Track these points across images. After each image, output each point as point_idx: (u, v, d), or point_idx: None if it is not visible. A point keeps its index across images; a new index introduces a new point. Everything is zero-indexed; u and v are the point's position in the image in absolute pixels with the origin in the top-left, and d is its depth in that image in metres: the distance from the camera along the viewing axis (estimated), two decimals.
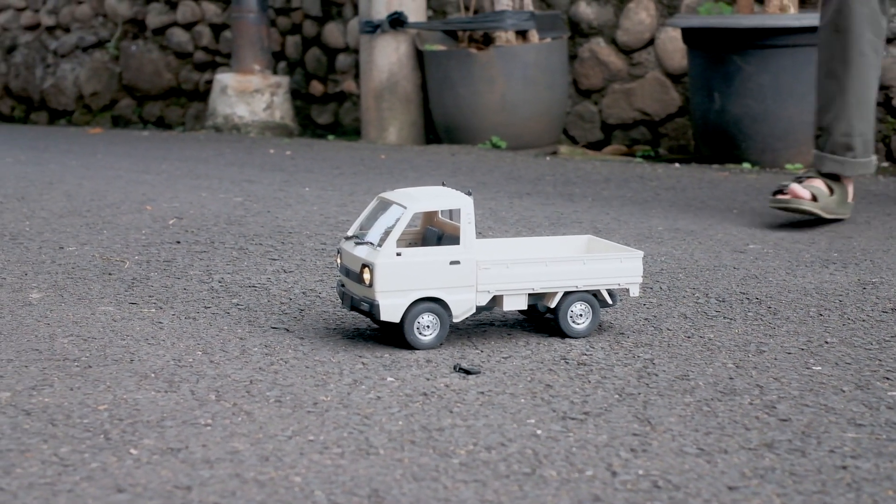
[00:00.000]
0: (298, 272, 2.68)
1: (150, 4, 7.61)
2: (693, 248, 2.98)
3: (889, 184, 4.25)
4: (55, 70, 8.07)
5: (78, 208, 3.62)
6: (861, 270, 2.69)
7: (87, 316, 2.29)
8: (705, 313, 2.30)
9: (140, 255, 2.87)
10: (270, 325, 2.23)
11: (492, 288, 2.08)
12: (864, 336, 2.13)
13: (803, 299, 2.40)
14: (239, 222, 3.35)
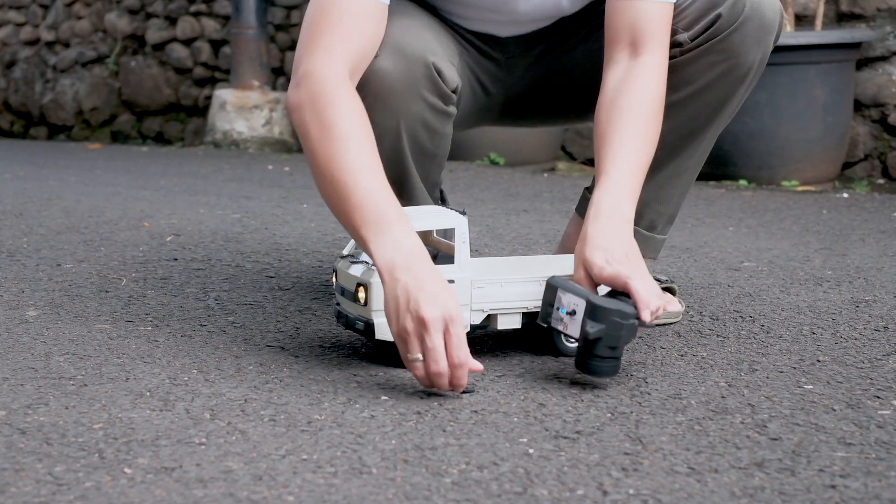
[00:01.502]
0: (294, 290, 2.69)
1: (150, 20, 7.63)
2: (688, 265, 2.99)
3: (884, 201, 4.27)
4: (54, 85, 8.09)
5: (76, 225, 3.64)
6: (854, 289, 2.70)
7: (83, 334, 2.30)
8: (699, 332, 2.31)
9: (137, 273, 2.89)
10: (266, 343, 2.24)
11: (486, 307, 2.09)
12: (856, 354, 2.14)
13: (796, 318, 2.42)
14: (236, 239, 3.36)
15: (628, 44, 2.20)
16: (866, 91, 5.20)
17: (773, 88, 4.73)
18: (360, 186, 1.96)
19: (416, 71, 2.14)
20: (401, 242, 1.92)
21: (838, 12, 5.26)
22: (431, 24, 2.26)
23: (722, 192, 4.51)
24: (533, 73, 2.44)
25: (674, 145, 2.36)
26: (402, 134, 2.18)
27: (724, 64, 2.26)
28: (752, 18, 2.24)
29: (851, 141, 5.17)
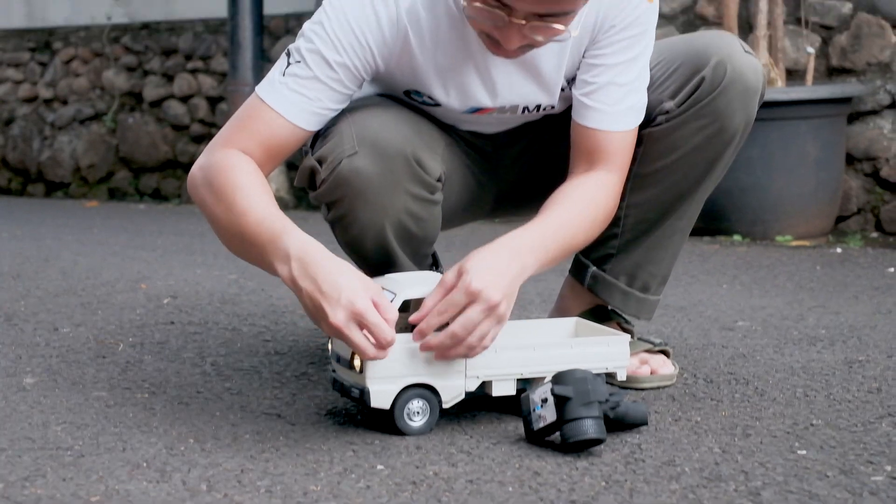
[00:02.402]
0: (291, 354, 2.70)
1: (147, 77, 7.68)
2: (682, 325, 3.00)
3: (878, 255, 4.29)
4: (52, 142, 8.12)
5: (73, 286, 3.65)
6: (848, 348, 2.72)
7: (80, 402, 2.31)
8: (693, 395, 2.32)
9: (134, 337, 2.90)
10: (262, 410, 2.25)
11: (481, 373, 2.10)
12: (850, 418, 2.15)
13: (790, 379, 2.43)
14: (233, 301, 3.38)
15: (586, 162, 2.26)
16: (858, 145, 5.23)
17: (765, 143, 4.76)
18: (251, 222, 2.04)
19: (396, 165, 2.16)
20: (290, 250, 1.98)
21: (829, 67, 5.30)
22: (412, 116, 2.27)
23: (716, 247, 4.53)
24: (522, 162, 2.47)
25: (663, 209, 2.39)
26: (386, 228, 2.21)
27: (710, 128, 2.29)
28: (735, 82, 2.27)
29: (844, 195, 5.20)
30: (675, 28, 5.64)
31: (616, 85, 2.22)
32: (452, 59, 2.20)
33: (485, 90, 2.25)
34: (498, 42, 2.05)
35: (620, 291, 2.47)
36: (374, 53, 2.16)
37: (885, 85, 5.20)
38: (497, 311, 2.00)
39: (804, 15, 5.28)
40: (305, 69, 2.13)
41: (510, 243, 2.09)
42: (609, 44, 2.21)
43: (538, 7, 1.97)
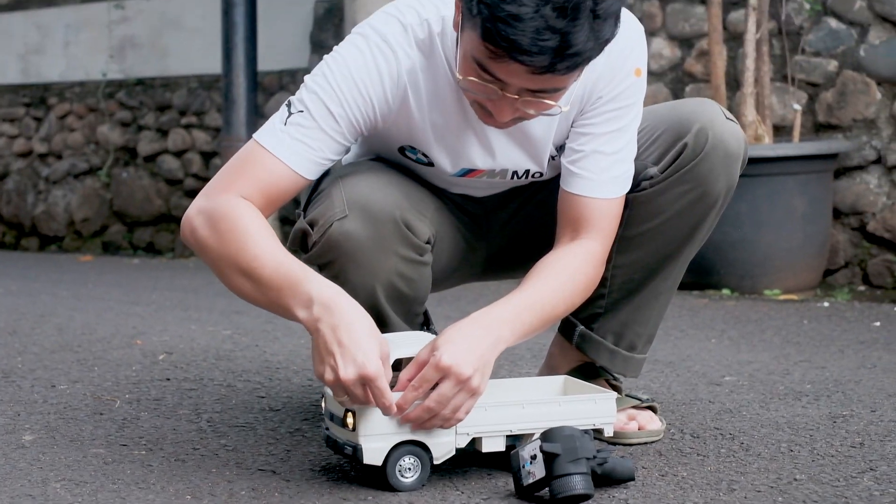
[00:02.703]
0: (285, 411, 2.75)
1: (142, 132, 7.75)
2: (670, 380, 3.05)
3: (864, 309, 4.35)
4: (47, 196, 8.18)
5: (69, 343, 3.70)
6: (832, 403, 2.77)
7: (78, 459, 2.35)
8: (680, 450, 2.37)
9: (130, 394, 2.94)
10: (257, 466, 2.29)
11: (471, 430, 2.15)
12: (832, 472, 2.20)
13: (775, 434, 2.48)
14: (227, 357, 3.42)
15: (571, 230, 2.32)
16: (845, 199, 5.30)
17: (753, 199, 4.82)
18: (266, 266, 2.08)
19: (385, 229, 2.23)
20: (313, 295, 2.03)
21: (816, 123, 5.38)
22: (401, 180, 2.33)
23: (706, 301, 4.58)
24: (512, 224, 2.52)
25: (649, 270, 2.45)
26: (376, 290, 2.25)
27: (693, 193, 2.35)
28: (717, 148, 2.33)
29: (832, 249, 5.26)
30: (663, 85, 5.72)
31: (602, 154, 2.28)
32: (448, 120, 2.26)
33: (478, 152, 2.31)
34: (490, 113, 2.11)
35: (608, 350, 2.52)
36: (374, 108, 2.21)
37: (871, 141, 5.27)
38: (468, 385, 2.05)
39: (791, 72, 5.36)
40: (309, 119, 2.18)
41: (484, 317, 2.14)
42: (597, 114, 2.28)
43: (531, 84, 2.02)
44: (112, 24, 7.83)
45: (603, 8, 1.97)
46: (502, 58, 1.98)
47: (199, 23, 7.49)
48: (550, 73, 1.99)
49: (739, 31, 5.25)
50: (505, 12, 1.93)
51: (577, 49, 1.97)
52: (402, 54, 2.20)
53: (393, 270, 2.25)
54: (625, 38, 2.18)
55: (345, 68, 2.19)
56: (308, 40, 6.97)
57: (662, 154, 2.36)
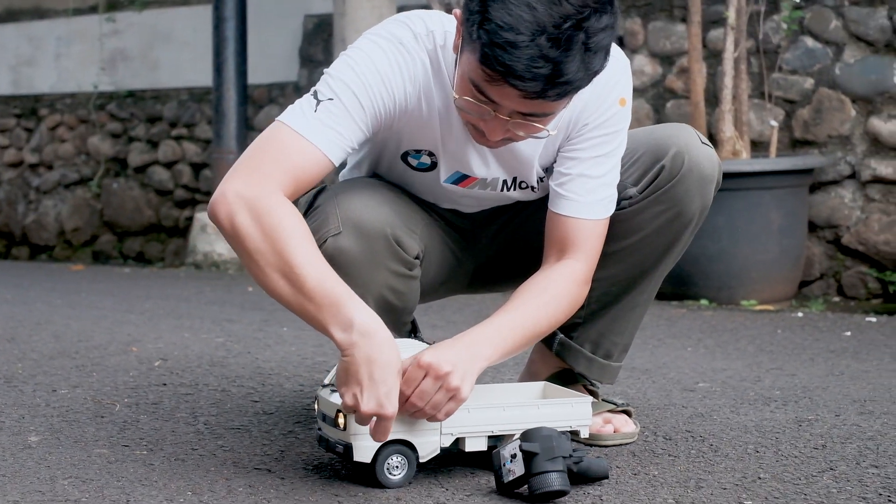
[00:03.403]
0: (278, 414, 2.88)
1: (132, 143, 7.88)
2: (646, 387, 3.19)
3: (836, 319, 4.49)
4: (37, 206, 8.30)
5: (67, 349, 3.82)
6: (799, 408, 2.91)
7: (83, 458, 2.48)
8: (652, 451, 2.51)
9: (129, 398, 3.07)
10: (253, 465, 2.42)
11: (455, 431, 2.28)
12: (795, 472, 2.34)
13: (743, 436, 2.62)
14: (221, 363, 3.55)
15: (557, 250, 2.45)
16: (821, 213, 5.45)
17: (730, 213, 4.97)
18: (310, 276, 2.16)
19: (377, 245, 2.36)
20: (354, 321, 2.13)
21: (792, 139, 5.53)
22: (393, 197, 2.46)
23: (684, 311, 4.72)
24: (499, 240, 2.66)
25: (626, 283, 2.59)
26: (368, 302, 2.35)
27: (670, 212, 2.50)
28: (693, 171, 2.47)
29: (807, 261, 5.42)
30: (645, 101, 5.87)
31: (588, 177, 2.42)
32: (452, 127, 2.39)
33: (475, 159, 2.44)
34: (482, 133, 2.25)
35: (585, 357, 2.66)
36: (395, 102, 2.32)
37: (846, 156, 5.42)
38: (447, 382, 2.18)
39: (768, 89, 5.52)
40: (339, 106, 2.26)
41: (468, 335, 2.28)
42: (583, 140, 2.41)
43: (522, 107, 2.16)
44: (103, 37, 7.96)
45: (594, 41, 2.11)
46: (497, 81, 2.12)
47: (189, 36, 7.62)
48: (541, 99, 2.12)
49: (719, 49, 5.40)
50: (503, 39, 2.07)
51: (567, 78, 2.10)
52: (417, 57, 2.33)
53: (384, 284, 2.39)
54: (611, 70, 2.31)
55: (370, 62, 2.30)
56: (297, 54, 7.11)
57: (641, 175, 2.50)
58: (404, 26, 2.35)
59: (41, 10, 8.38)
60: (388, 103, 2.31)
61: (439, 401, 2.19)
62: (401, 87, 2.32)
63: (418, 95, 2.35)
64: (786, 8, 5.35)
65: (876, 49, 5.40)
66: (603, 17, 2.11)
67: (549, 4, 2.07)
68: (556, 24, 2.07)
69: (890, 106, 5.35)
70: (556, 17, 2.07)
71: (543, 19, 2.07)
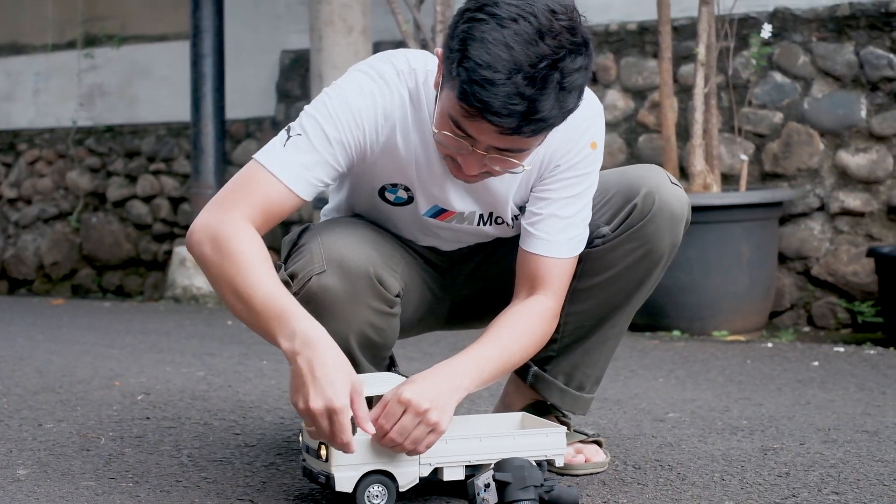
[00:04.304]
0: (259, 446, 2.95)
1: (111, 178, 7.94)
2: (618, 417, 3.28)
3: (805, 350, 4.59)
4: (16, 241, 8.35)
5: (50, 384, 3.89)
6: (765, 437, 3.00)
7: (71, 491, 2.55)
8: (622, 480, 2.59)
9: (114, 431, 3.14)
10: (236, 496, 2.50)
11: (433, 461, 2.37)
12: (759, 499, 2.42)
13: (710, 465, 2.71)
14: (203, 397, 3.62)
15: (528, 287, 2.55)
16: (790, 245, 5.56)
17: (702, 245, 5.06)
18: (258, 294, 2.26)
19: (359, 284, 2.45)
20: (296, 329, 2.22)
21: (762, 172, 5.64)
22: (375, 236, 2.55)
23: (656, 342, 4.81)
24: (475, 278, 2.75)
25: (598, 318, 2.68)
26: (350, 339, 2.47)
27: (640, 250, 2.59)
28: (663, 210, 2.57)
29: (778, 291, 5.52)
30: (618, 135, 5.98)
31: (558, 217, 2.51)
32: (430, 159, 2.48)
33: (453, 193, 2.53)
34: (460, 167, 2.34)
35: (558, 389, 2.75)
36: (365, 134, 2.42)
37: (815, 189, 5.54)
38: (426, 418, 2.27)
39: (738, 124, 5.63)
40: (306, 142, 2.37)
41: (446, 367, 2.38)
42: (554, 181, 2.51)
43: (498, 143, 2.26)
44: (81, 73, 8.03)
45: (569, 81, 2.21)
46: (475, 117, 2.21)
47: (167, 72, 7.70)
48: (517, 135, 2.22)
49: (690, 84, 5.51)
50: (480, 76, 2.17)
51: (542, 115, 2.20)
52: (396, 92, 2.43)
53: (365, 321, 2.48)
54: (584, 114, 2.42)
55: (342, 95, 2.41)
56: (275, 90, 7.20)
57: (613, 215, 2.60)
58: (388, 62, 2.45)
59: (19, 45, 8.45)
60: (357, 137, 2.40)
61: (419, 436, 2.27)
62: (372, 120, 2.41)
63: (393, 129, 2.44)
64: (754, 44, 5.46)
65: (843, 84, 5.52)
66: (578, 58, 2.21)
67: (526, 45, 2.17)
68: (532, 63, 2.17)
69: (857, 140, 5.47)
70: (533, 57, 2.17)
71: (520, 59, 2.16)
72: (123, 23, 7.93)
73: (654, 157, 5.72)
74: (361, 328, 2.49)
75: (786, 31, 5.62)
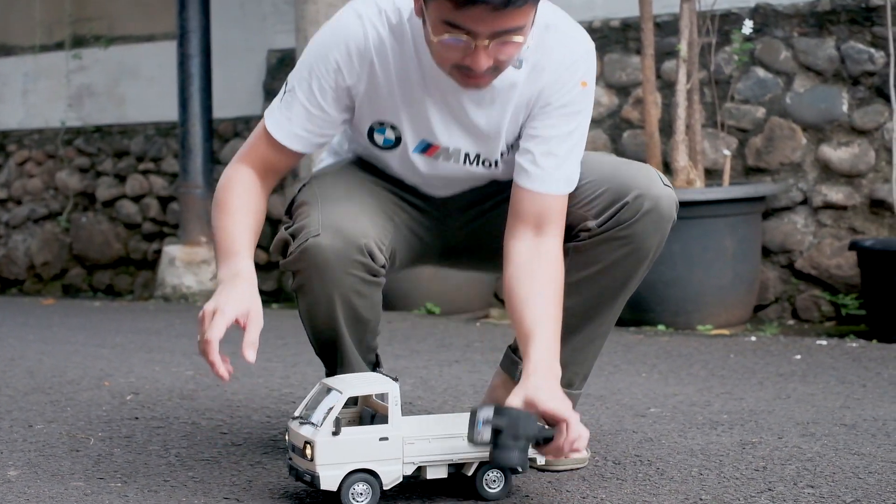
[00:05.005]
0: (246, 445, 3.00)
1: (100, 178, 7.98)
2: (600, 413, 3.33)
3: (788, 343, 4.64)
4: (7, 241, 8.38)
5: (41, 385, 3.93)
6: (744, 431, 3.05)
7: (61, 491, 2.60)
8: (601, 475, 2.64)
9: (103, 432, 3.18)
10: (223, 495, 2.55)
11: (416, 460, 2.42)
12: (735, 493, 2.47)
13: (689, 460, 2.76)
14: (191, 397, 3.67)
15: (533, 225, 2.62)
16: (774, 239, 5.61)
17: (685, 240, 5.11)
18: (224, 236, 2.59)
19: (350, 250, 2.56)
20: (231, 268, 2.53)
21: (745, 167, 5.69)
22: (370, 201, 2.67)
23: (641, 337, 4.86)
24: (466, 228, 2.85)
25: (585, 315, 2.73)
26: (335, 301, 2.60)
27: (627, 248, 2.65)
28: (652, 211, 2.63)
29: (762, 285, 5.57)
30: (602, 131, 6.03)
31: (553, 155, 2.60)
32: (413, 91, 2.60)
33: (437, 122, 2.63)
34: (469, 71, 2.44)
35: None
36: (344, 76, 2.59)
37: (798, 183, 5.59)
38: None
39: (721, 119, 5.68)
40: (292, 96, 2.62)
41: (544, 366, 2.48)
42: (546, 117, 2.60)
43: (495, 25, 2.35)
44: (70, 73, 8.06)
45: None
46: (465, 5, 2.32)
47: (155, 72, 7.74)
48: (510, 7, 2.32)
49: (673, 80, 5.56)
50: None
51: None
52: (371, 29, 2.57)
53: (350, 287, 2.59)
54: (575, 54, 2.56)
55: (320, 45, 2.61)
56: (262, 88, 7.24)
57: (602, 210, 2.66)
58: (373, 4, 2.59)
59: (7, 46, 8.47)
60: (337, 79, 2.59)
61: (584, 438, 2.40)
62: (345, 55, 2.58)
63: (370, 65, 2.58)
64: (736, 40, 5.51)
65: (825, 79, 5.57)
66: None
67: None
68: None
69: (839, 134, 5.52)
70: None
71: None
72: (111, 23, 7.96)
73: (638, 152, 5.77)
74: (346, 293, 2.59)
75: (767, 27, 5.67)
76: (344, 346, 2.66)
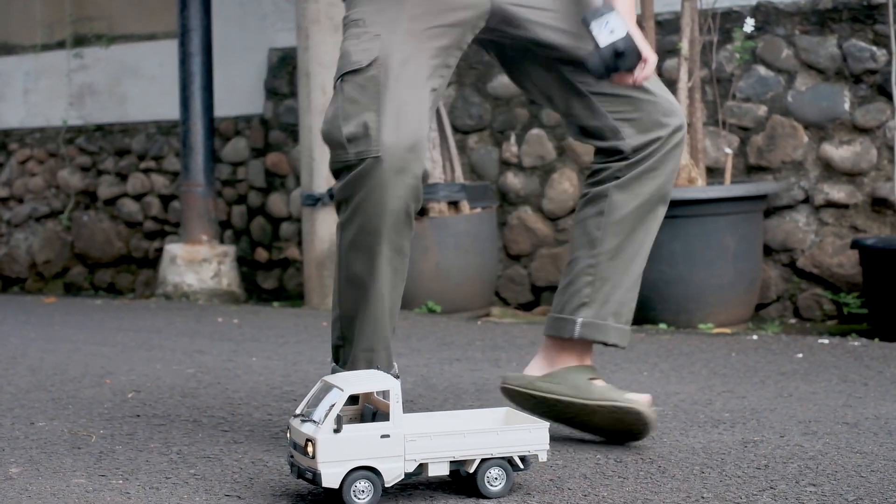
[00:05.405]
0: (248, 443, 3.00)
1: (101, 177, 7.98)
2: None
3: (790, 342, 4.63)
4: (9, 239, 8.39)
5: (43, 383, 3.93)
6: (746, 430, 3.05)
7: (62, 488, 2.60)
8: (603, 473, 2.64)
9: (104, 430, 3.18)
10: (224, 492, 2.55)
11: (418, 457, 2.42)
12: (737, 491, 2.47)
13: (690, 458, 2.75)
14: (192, 394, 3.67)
15: None
16: (776, 237, 5.61)
17: (686, 238, 5.11)
18: None
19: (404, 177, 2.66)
20: None
21: (747, 165, 5.69)
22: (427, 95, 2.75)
23: (642, 336, 4.86)
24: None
25: (628, 256, 2.95)
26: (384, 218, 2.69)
27: (655, 182, 2.92)
28: (676, 154, 2.92)
29: (764, 283, 5.57)
30: None
31: None
32: None
33: None
34: None
35: (614, 329, 2.97)
36: None
37: (799, 181, 5.59)
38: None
39: (723, 117, 5.68)
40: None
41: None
42: None
43: None
44: (71, 72, 8.07)
45: None
46: None
47: (156, 70, 7.74)
48: None
49: (674, 78, 5.55)
50: None
51: None
52: None
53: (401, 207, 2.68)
54: None
55: None
56: (263, 87, 7.24)
57: (637, 132, 2.87)
58: None
59: (8, 45, 8.48)
60: None
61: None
62: None
63: None
64: (738, 38, 5.51)
65: (826, 77, 5.57)
66: None
67: None
68: None
69: (841, 132, 5.52)
70: None
71: None
72: (112, 22, 7.96)
73: None
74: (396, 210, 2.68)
75: (769, 25, 5.67)
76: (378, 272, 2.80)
